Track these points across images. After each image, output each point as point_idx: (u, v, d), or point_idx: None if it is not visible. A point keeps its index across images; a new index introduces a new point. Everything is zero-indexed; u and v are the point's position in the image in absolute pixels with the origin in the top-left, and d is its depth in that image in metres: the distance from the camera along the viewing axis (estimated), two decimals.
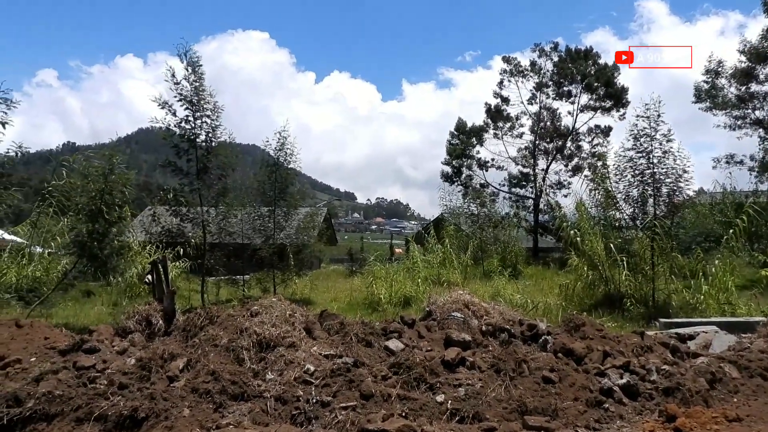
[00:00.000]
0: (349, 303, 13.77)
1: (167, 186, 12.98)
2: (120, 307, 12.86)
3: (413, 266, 17.17)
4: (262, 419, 5.18)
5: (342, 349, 6.41)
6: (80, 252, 10.80)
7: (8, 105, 10.02)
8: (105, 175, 10.99)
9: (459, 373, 6.01)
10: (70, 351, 6.75)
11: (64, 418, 5.13)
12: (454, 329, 7.20)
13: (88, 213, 10.96)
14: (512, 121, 38.32)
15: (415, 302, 12.96)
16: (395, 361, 6.11)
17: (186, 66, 11.64)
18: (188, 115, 11.70)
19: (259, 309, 7.02)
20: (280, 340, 6.43)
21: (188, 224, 12.29)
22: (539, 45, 37.10)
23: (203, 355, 6.25)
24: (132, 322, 7.81)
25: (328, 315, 7.62)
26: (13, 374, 6.18)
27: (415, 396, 5.48)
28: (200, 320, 7.15)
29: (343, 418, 5.02)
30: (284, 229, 14.04)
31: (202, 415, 5.16)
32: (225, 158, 12.13)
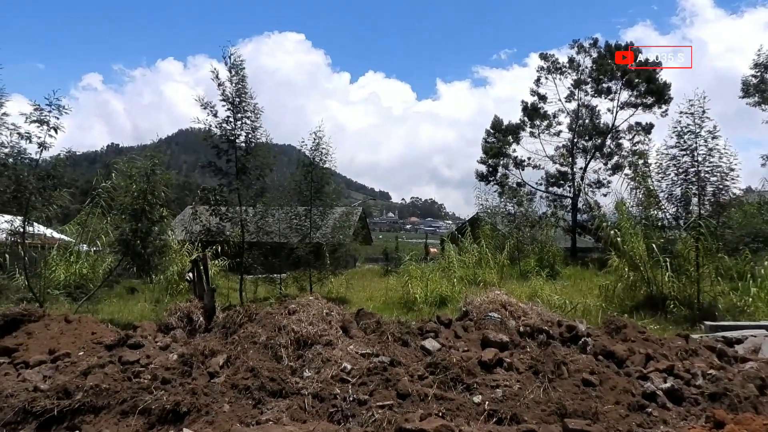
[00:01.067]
0: (384, 302, 13.79)
1: (207, 186, 13.26)
2: (162, 303, 13.20)
3: (449, 266, 17.07)
4: (300, 416, 5.24)
5: (378, 348, 6.43)
6: (124, 250, 11.16)
7: (60, 111, 10.47)
8: (147, 176, 11.33)
9: (496, 374, 5.95)
10: (116, 346, 6.97)
11: (111, 411, 5.29)
12: (491, 330, 7.14)
13: (132, 212, 11.31)
14: (549, 119, 37.74)
15: (450, 302, 12.89)
16: (432, 360, 6.09)
17: (229, 68, 11.87)
18: (229, 116, 11.94)
19: (297, 307, 7.10)
20: (317, 338, 6.50)
21: (227, 223, 12.54)
22: (577, 41, 36.43)
23: (242, 351, 6.36)
24: (174, 318, 8.01)
25: (365, 314, 7.65)
26: (63, 367, 6.43)
27: (451, 396, 5.45)
28: (239, 318, 7.27)
29: (380, 416, 5.03)
30: (320, 228, 14.17)
31: (242, 410, 5.26)
32: (264, 159, 12.32)
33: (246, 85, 11.90)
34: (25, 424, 5.11)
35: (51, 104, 10.40)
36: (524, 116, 38.37)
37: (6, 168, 10.23)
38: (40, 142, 10.43)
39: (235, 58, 11.91)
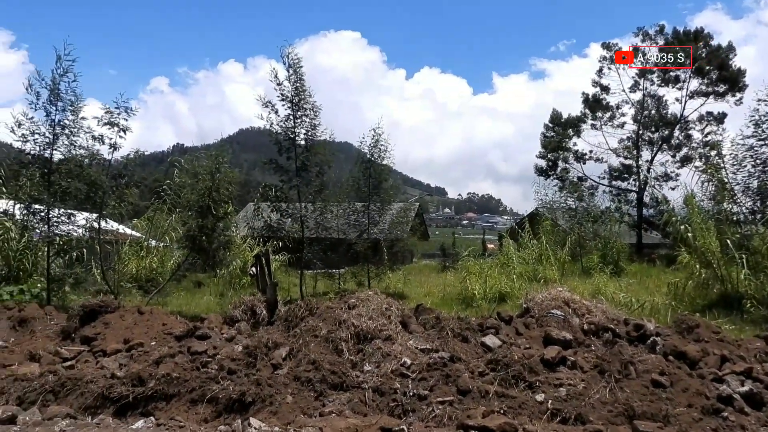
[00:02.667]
0: (442, 298, 13.73)
1: (268, 183, 13.60)
2: (226, 297, 13.64)
3: (507, 262, 16.80)
4: (361, 409, 5.30)
5: (438, 344, 6.41)
6: (191, 245, 11.63)
7: (128, 113, 11.03)
8: (212, 174, 11.74)
9: (560, 373, 5.81)
10: (185, 337, 7.26)
11: (181, 399, 5.52)
12: (553, 327, 6.98)
13: (198, 209, 11.75)
14: (612, 110, 36.42)
15: (510, 299, 12.68)
16: (492, 357, 6.02)
17: (287, 67, 12.13)
18: (289, 114, 12.19)
19: (356, 302, 7.18)
20: (376, 332, 6.54)
21: (288, 219, 12.83)
22: (642, 29, 34.89)
23: (304, 344, 6.48)
24: (238, 311, 8.26)
25: (424, 309, 7.64)
26: (137, 356, 6.76)
27: (513, 394, 5.36)
28: (301, 311, 7.42)
29: (440, 412, 5.01)
30: (378, 224, 14.26)
31: (304, 402, 5.37)
32: (323, 156, 12.53)
33: (304, 84, 12.13)
34: (103, 409, 5.40)
35: (119, 107, 10.97)
36: (585, 108, 37.18)
37: (83, 169, 10.87)
38: (112, 143, 11.02)
39: (293, 57, 12.15)
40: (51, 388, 5.71)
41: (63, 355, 6.94)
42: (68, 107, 10.65)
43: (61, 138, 10.68)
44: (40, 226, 10.98)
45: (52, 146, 10.62)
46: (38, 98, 10.46)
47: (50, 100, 10.52)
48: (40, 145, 10.55)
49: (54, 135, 10.61)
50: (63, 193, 10.64)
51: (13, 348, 7.17)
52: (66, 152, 10.81)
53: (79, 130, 10.76)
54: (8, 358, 6.74)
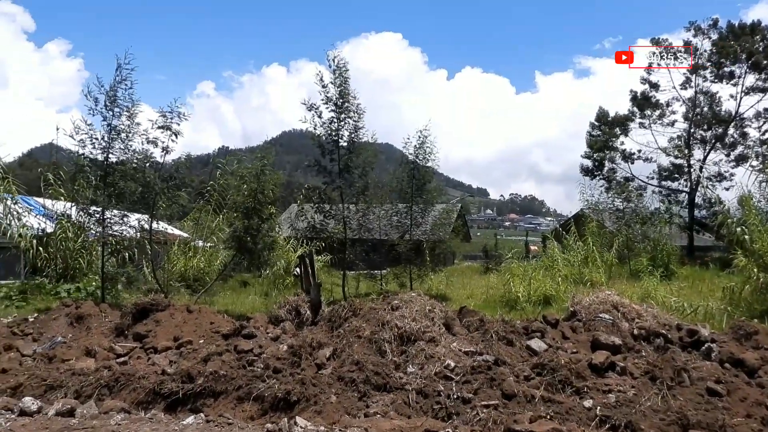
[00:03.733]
0: (485, 300, 13.58)
1: (311, 184, 13.79)
2: (270, 297, 13.87)
3: (552, 264, 16.47)
4: (405, 411, 5.29)
5: (482, 347, 6.35)
6: (237, 246, 11.88)
7: (181, 118, 11.38)
8: (258, 176, 11.97)
9: (608, 379, 5.67)
10: (232, 336, 7.43)
11: (228, 396, 5.64)
12: (601, 331, 6.81)
13: (244, 210, 12.00)
14: (662, 108, 35.17)
15: (555, 302, 12.43)
16: (538, 361, 5.91)
17: (332, 70, 12.26)
18: (333, 117, 12.32)
19: (400, 303, 7.17)
20: (420, 334, 6.53)
21: (330, 220, 12.96)
22: (694, 23, 33.56)
23: (348, 345, 6.52)
24: (283, 311, 8.40)
25: (467, 311, 7.59)
26: (186, 353, 6.95)
27: (560, 399, 5.25)
28: (344, 312, 7.47)
29: (485, 416, 4.96)
30: (420, 226, 14.23)
31: (348, 402, 5.40)
32: (366, 157, 12.61)
33: (348, 86, 12.24)
34: (154, 404, 5.58)
35: (173, 111, 11.33)
36: (633, 106, 36.03)
37: (137, 171, 11.27)
38: (164, 146, 11.39)
39: (338, 60, 12.28)
40: (106, 383, 5.93)
41: (117, 351, 7.20)
42: (124, 113, 11.07)
43: (116, 142, 11.09)
44: (95, 226, 11.42)
45: (108, 150, 11.04)
46: (96, 104, 10.92)
47: (107, 105, 10.94)
48: (97, 149, 10.98)
49: (110, 139, 11.03)
50: (117, 195, 11.05)
51: (71, 343, 7.48)
52: (121, 155, 11.22)
53: (134, 134, 11.16)
54: (66, 353, 7.04)
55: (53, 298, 11.96)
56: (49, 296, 12.24)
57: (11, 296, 11.88)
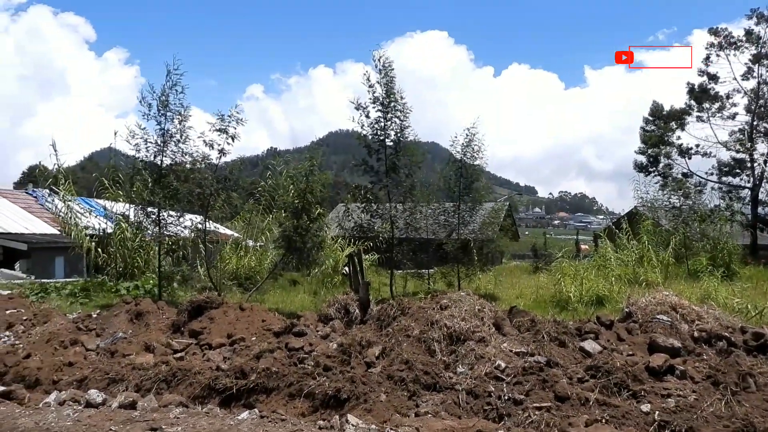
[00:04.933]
0: (535, 300, 13.33)
1: (359, 184, 13.89)
2: (319, 295, 14.04)
3: (605, 264, 16.00)
4: (454, 411, 5.26)
5: (533, 347, 6.24)
6: (287, 245, 12.10)
7: (238, 122, 11.70)
8: (306, 176, 12.15)
9: (667, 382, 5.46)
10: (283, 333, 7.56)
11: (280, 393, 5.75)
12: (659, 333, 6.56)
13: (293, 210, 12.21)
14: (722, 100, 33.57)
15: (609, 302, 12.07)
16: (592, 363, 5.76)
17: (379, 70, 12.33)
18: (380, 117, 12.38)
19: (449, 302, 7.14)
20: (469, 334, 6.47)
21: (378, 219, 13.01)
22: (756, 10, 31.84)
23: (397, 344, 6.54)
24: (332, 309, 8.47)
25: (518, 311, 7.47)
26: (239, 350, 7.12)
27: (616, 402, 5.10)
28: (393, 311, 7.49)
29: (537, 418, 4.87)
30: (468, 225, 14.10)
31: (398, 401, 5.41)
32: (412, 156, 12.60)
33: (395, 86, 12.26)
34: (210, 399, 5.75)
35: (231, 116, 11.65)
36: (690, 99, 34.54)
37: (193, 173, 11.65)
38: (220, 149, 11.71)
39: (384, 59, 12.31)
40: (164, 378, 6.16)
41: (174, 347, 7.45)
42: (176, 117, 11.45)
43: (169, 145, 11.48)
44: (152, 227, 11.86)
45: (162, 153, 11.44)
46: (150, 109, 11.34)
47: (160, 110, 11.35)
48: (152, 153, 11.39)
49: (163, 142, 11.43)
50: (172, 197, 11.43)
51: (131, 339, 7.80)
52: (174, 158, 11.60)
53: (186, 137, 11.52)
54: (127, 348, 7.34)
55: (114, 295, 12.49)
56: (110, 293, 12.78)
57: (76, 293, 12.48)
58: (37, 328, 8.09)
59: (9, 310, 8.86)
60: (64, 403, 5.18)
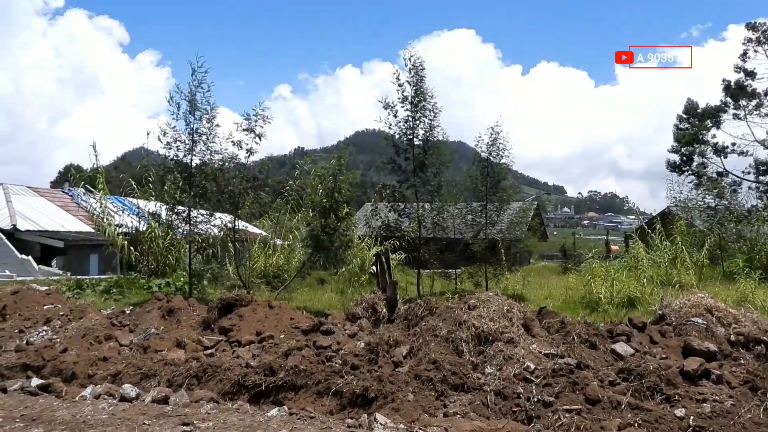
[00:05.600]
0: (564, 301, 13.11)
1: (385, 183, 13.89)
2: (346, 294, 14.08)
3: (636, 265, 15.66)
4: (483, 412, 5.23)
5: (563, 349, 6.15)
6: (314, 244, 12.16)
7: (264, 121, 11.81)
8: (334, 175, 12.20)
9: (702, 387, 5.33)
10: (311, 331, 7.61)
11: (308, 390, 5.80)
12: (694, 336, 6.41)
13: (321, 210, 12.27)
14: (760, 97, 32.63)
15: (640, 304, 11.80)
16: (624, 366, 5.66)
17: (408, 69, 12.31)
18: (408, 116, 12.36)
19: (477, 303, 7.09)
20: (498, 334, 6.42)
21: (405, 219, 12.99)
22: None
23: (424, 344, 6.53)
24: (360, 308, 8.51)
25: (547, 312, 7.38)
26: (268, 348, 7.20)
27: (648, 407, 5.00)
28: (420, 311, 7.48)
29: (568, 421, 4.81)
30: (495, 224, 13.97)
31: (425, 401, 5.40)
32: (440, 156, 12.55)
33: (424, 85, 12.23)
34: (239, 395, 5.83)
35: (257, 114, 11.77)
36: (726, 96, 33.66)
37: (221, 172, 11.81)
38: (248, 148, 11.85)
39: (414, 59, 12.29)
40: (195, 373, 6.27)
41: (204, 344, 7.58)
42: (204, 116, 11.61)
43: (198, 144, 11.66)
44: (182, 225, 12.06)
45: (192, 152, 11.62)
46: (179, 109, 11.53)
47: (189, 110, 11.53)
48: (182, 152, 11.58)
49: (192, 142, 11.60)
50: (201, 195, 11.61)
51: (163, 335, 7.95)
52: (203, 157, 11.77)
53: (214, 136, 11.68)
54: (159, 344, 7.49)
55: (146, 292, 12.73)
56: (143, 290, 13.03)
57: (109, 290, 12.76)
58: (73, 323, 8.31)
59: (47, 306, 9.12)
60: (99, 396, 5.31)
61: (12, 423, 4.35)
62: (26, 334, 8.03)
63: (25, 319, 8.56)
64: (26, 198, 23.02)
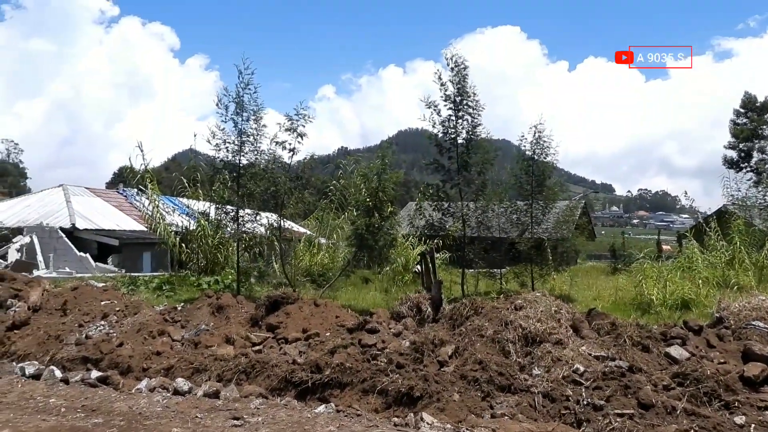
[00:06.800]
0: (614, 303, 12.76)
1: (429, 182, 13.82)
2: (390, 293, 14.11)
3: (691, 265, 15.08)
4: (530, 414, 5.15)
5: (614, 352, 5.99)
6: (359, 243, 12.23)
7: (306, 120, 11.96)
8: (378, 175, 12.24)
9: (764, 394, 5.12)
10: (356, 330, 7.66)
11: (353, 388, 5.84)
12: (755, 341, 6.13)
13: (365, 209, 12.34)
14: None
15: (695, 306, 11.37)
16: (679, 370, 5.47)
17: (451, 68, 12.23)
18: (451, 114, 12.28)
19: (523, 303, 6.99)
20: (545, 336, 6.31)
21: (449, 218, 12.91)
22: None
23: (470, 344, 6.48)
24: (404, 307, 8.51)
25: (597, 314, 7.20)
26: (314, 345, 7.29)
27: (706, 413, 4.82)
28: (465, 310, 7.42)
29: (619, 425, 4.69)
30: (541, 223, 13.71)
31: (471, 401, 5.36)
32: (484, 154, 12.41)
33: (467, 84, 12.11)
34: (286, 391, 5.93)
35: (298, 114, 11.93)
36: None
37: (266, 172, 12.02)
38: (291, 148, 12.03)
39: (456, 57, 12.20)
40: (243, 369, 6.41)
41: (252, 340, 7.74)
42: (251, 117, 11.85)
43: (246, 145, 11.90)
44: (230, 224, 12.34)
45: (240, 153, 11.88)
46: (227, 111, 11.80)
47: (236, 111, 11.78)
48: (230, 153, 11.85)
49: (241, 142, 11.85)
50: (248, 195, 11.84)
51: (213, 331, 8.16)
52: (251, 158, 12.01)
53: (261, 137, 11.91)
54: (209, 340, 7.70)
55: (196, 289, 13.11)
56: (193, 287, 13.43)
57: (161, 286, 13.21)
58: (128, 318, 8.64)
59: (104, 302, 9.50)
60: (154, 389, 5.50)
61: (74, 413, 4.55)
62: (85, 328, 8.39)
63: (84, 314, 8.94)
64: (84, 198, 24.08)
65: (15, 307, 9.36)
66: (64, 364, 6.94)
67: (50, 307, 9.23)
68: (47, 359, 7.22)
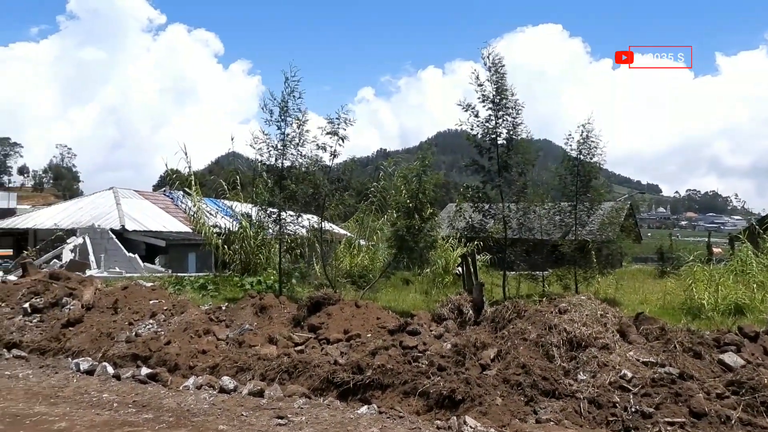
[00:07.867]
0: (662, 307, 12.34)
1: (468, 184, 13.68)
2: (431, 295, 14.06)
3: (744, 269, 14.46)
4: (576, 420, 5.06)
5: (664, 358, 5.80)
6: (399, 245, 12.23)
7: (347, 123, 12.07)
8: (419, 176, 12.23)
9: None
10: (397, 331, 7.65)
11: (395, 390, 5.84)
12: None
13: (405, 211, 12.34)
14: None
15: (750, 312, 10.90)
16: (734, 378, 5.25)
17: (488, 67, 12.10)
18: (490, 115, 12.13)
19: (568, 306, 6.84)
20: (591, 340, 6.16)
21: (490, 220, 12.75)
22: None
23: (513, 347, 6.38)
24: (446, 309, 8.43)
25: (645, 318, 6.97)
26: (355, 346, 7.32)
27: (763, 423, 4.63)
28: (508, 313, 7.31)
29: None
30: (586, 225, 13.39)
31: (514, 405, 5.29)
32: (525, 155, 12.21)
33: (505, 83, 11.93)
34: (328, 392, 5.98)
35: (339, 117, 12.05)
36: None
37: (308, 175, 12.17)
38: (332, 150, 12.15)
39: (494, 56, 12.05)
40: (286, 369, 6.51)
41: (295, 341, 7.83)
42: (295, 121, 12.03)
43: (288, 148, 12.08)
44: (272, 226, 12.54)
45: (283, 156, 12.07)
46: (271, 115, 12.01)
47: (280, 116, 11.98)
48: (273, 156, 12.06)
49: (283, 146, 12.04)
50: (290, 197, 12.02)
51: (256, 331, 8.31)
52: (293, 161, 12.19)
53: (304, 141, 12.07)
54: (253, 340, 7.84)
55: (239, 289, 13.35)
56: (236, 288, 13.69)
57: (206, 286, 13.52)
58: (175, 317, 8.88)
59: (152, 301, 9.80)
60: (200, 387, 5.64)
61: (126, 408, 4.72)
62: (135, 326, 8.68)
63: (133, 313, 9.25)
64: (133, 200, 24.95)
65: (70, 305, 9.76)
66: (115, 360, 7.20)
67: (102, 305, 9.58)
68: (99, 356, 7.51)
